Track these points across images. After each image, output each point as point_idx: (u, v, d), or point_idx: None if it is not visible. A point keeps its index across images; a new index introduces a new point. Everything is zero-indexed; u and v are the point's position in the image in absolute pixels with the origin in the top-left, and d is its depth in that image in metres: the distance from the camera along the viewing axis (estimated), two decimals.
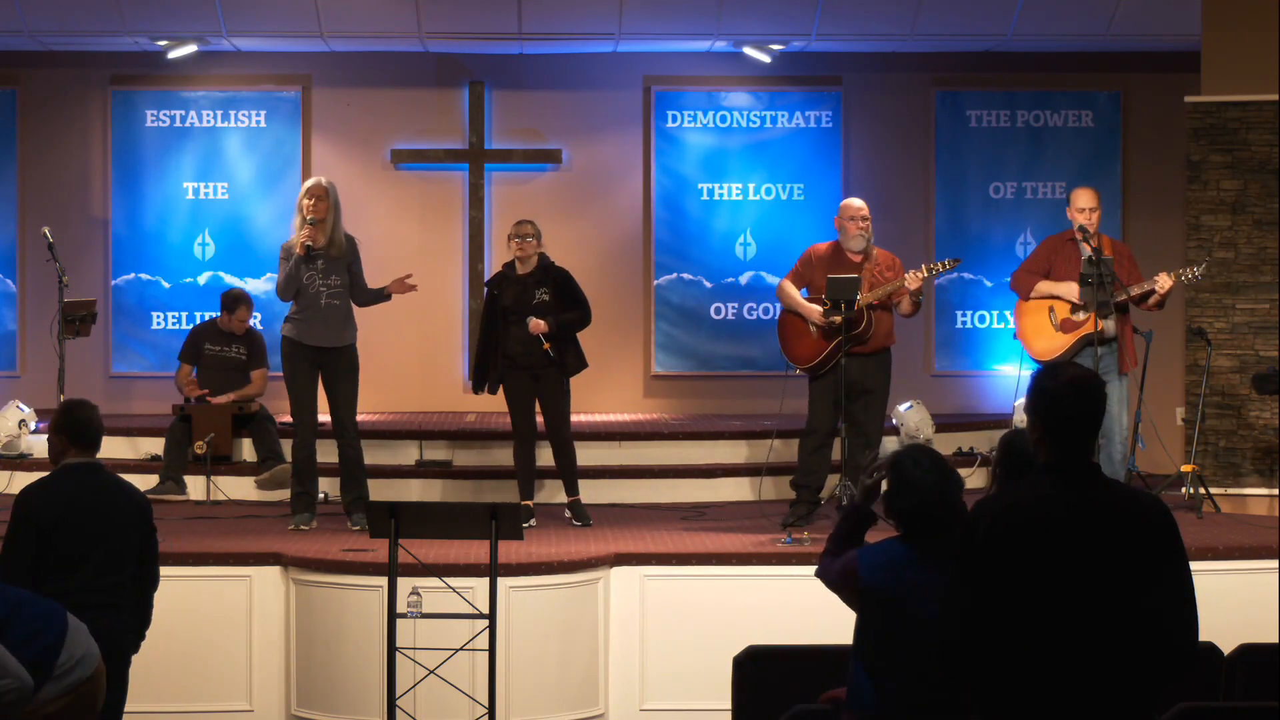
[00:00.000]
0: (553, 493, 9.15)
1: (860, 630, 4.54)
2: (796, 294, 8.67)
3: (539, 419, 8.86)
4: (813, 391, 8.64)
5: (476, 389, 8.95)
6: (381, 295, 8.75)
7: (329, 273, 8.51)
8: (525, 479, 8.84)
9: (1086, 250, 8.62)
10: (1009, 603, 3.76)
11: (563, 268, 8.88)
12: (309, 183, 8.60)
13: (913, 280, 8.43)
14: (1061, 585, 3.75)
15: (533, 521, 8.59)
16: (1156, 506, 3.87)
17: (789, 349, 8.70)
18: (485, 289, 9.00)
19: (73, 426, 5.76)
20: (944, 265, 8.71)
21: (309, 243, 8.43)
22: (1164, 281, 8.50)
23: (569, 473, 8.83)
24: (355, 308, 8.68)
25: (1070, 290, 8.60)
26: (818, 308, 8.54)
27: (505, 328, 8.73)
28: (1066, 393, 3.85)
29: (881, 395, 8.60)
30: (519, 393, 8.76)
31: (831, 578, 4.68)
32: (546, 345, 8.63)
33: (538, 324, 8.63)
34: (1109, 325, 8.52)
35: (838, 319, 8.42)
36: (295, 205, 8.62)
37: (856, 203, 8.79)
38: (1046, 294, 8.70)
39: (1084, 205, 8.69)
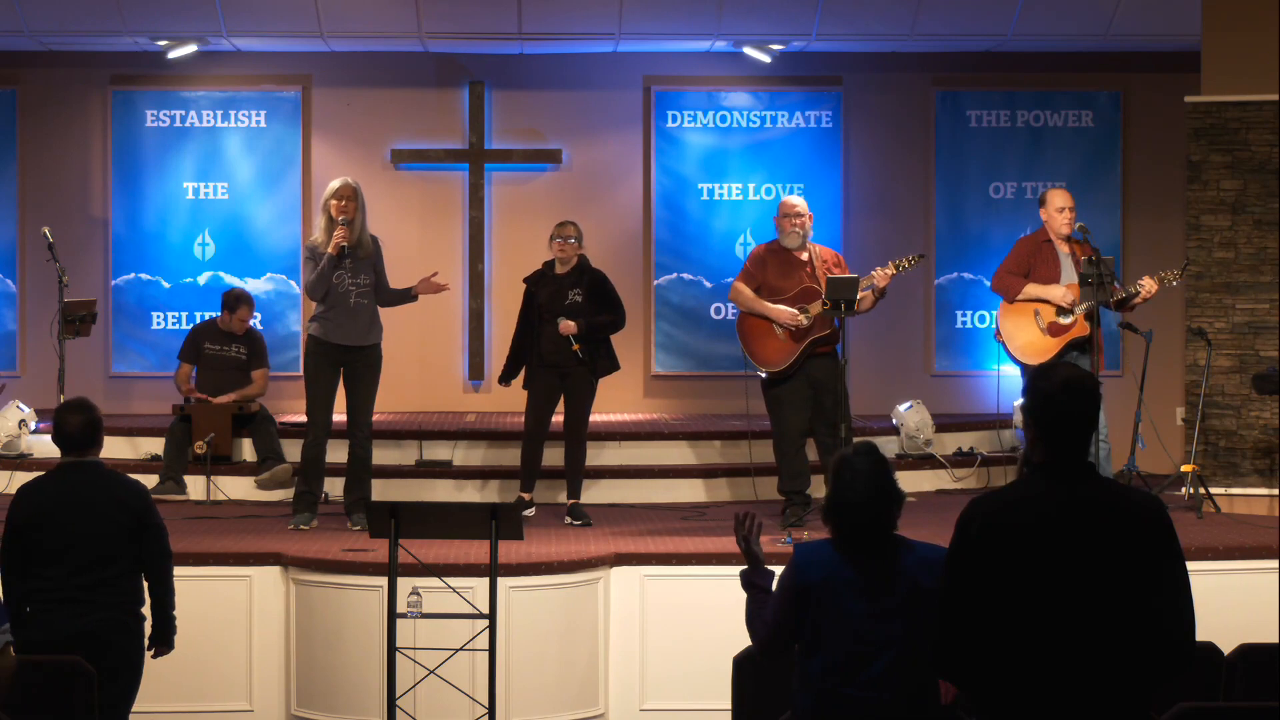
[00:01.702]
0: (554, 492, 9.15)
1: (796, 633, 4.53)
2: (755, 296, 8.64)
3: (555, 419, 8.89)
4: (777, 395, 8.58)
5: (502, 381, 8.99)
6: (408, 296, 8.78)
7: (357, 272, 8.52)
8: (528, 473, 8.91)
9: (1064, 249, 8.64)
10: (1004, 601, 3.76)
11: (600, 270, 8.90)
12: (337, 183, 8.57)
13: (882, 278, 8.43)
14: (1056, 583, 3.76)
15: (531, 511, 8.66)
16: (1151, 504, 3.88)
17: (754, 351, 8.62)
18: (524, 284, 9.02)
19: (54, 429, 5.93)
20: (910, 261, 8.66)
21: (345, 243, 8.43)
22: (1149, 285, 8.51)
23: (575, 475, 8.84)
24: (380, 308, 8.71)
25: (1058, 295, 8.58)
26: (785, 309, 8.51)
27: (540, 326, 8.77)
28: (1060, 393, 3.87)
29: (846, 393, 8.57)
30: (542, 393, 8.81)
31: (767, 616, 4.64)
32: (576, 346, 8.65)
33: (567, 325, 8.67)
34: (1087, 327, 8.51)
35: (802, 320, 8.42)
36: (320, 205, 8.62)
37: (792, 200, 8.81)
38: (1034, 297, 8.68)
39: (1062, 205, 8.69)
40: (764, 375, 8.63)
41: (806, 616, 4.47)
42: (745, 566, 4.89)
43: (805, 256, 8.60)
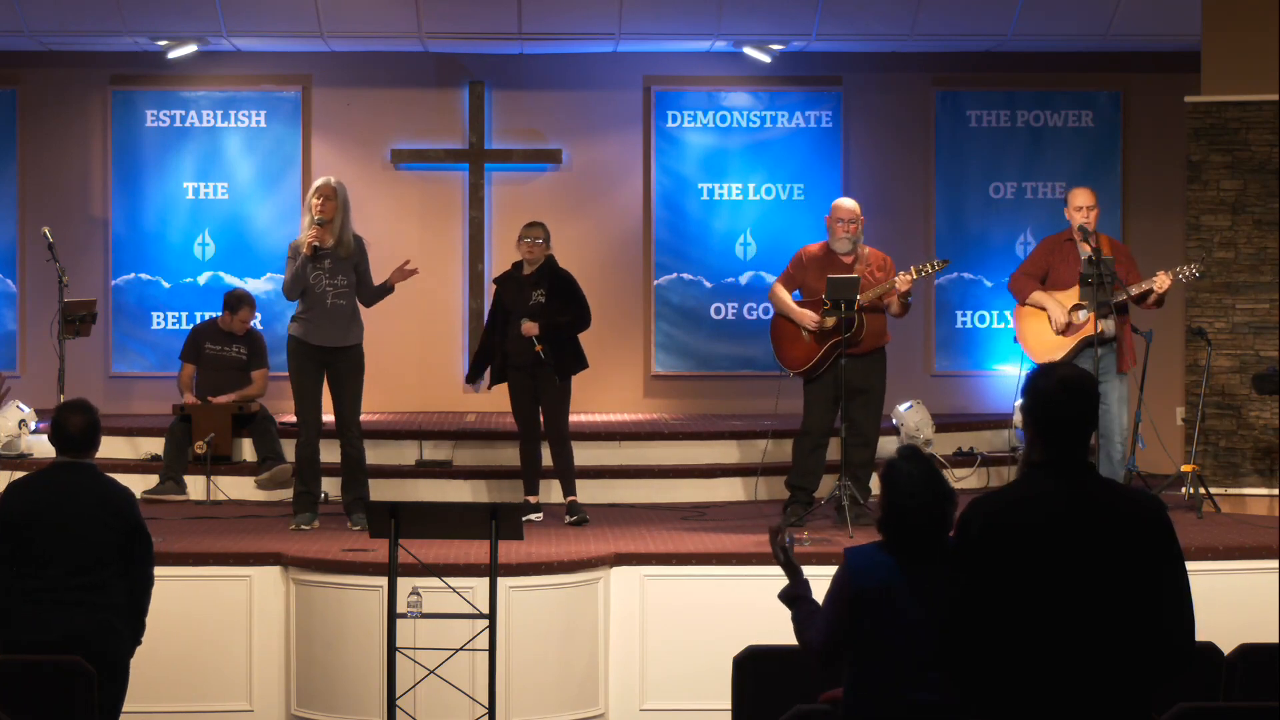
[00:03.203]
0: (553, 493, 9.15)
1: (852, 635, 4.53)
2: (788, 298, 8.69)
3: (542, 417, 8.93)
4: (807, 393, 8.66)
5: (469, 380, 9.17)
6: (385, 289, 8.76)
7: (336, 272, 8.50)
8: (528, 476, 8.97)
9: (1085, 250, 8.61)
10: (1004, 601, 3.76)
11: (567, 271, 8.94)
12: (318, 182, 8.57)
13: (903, 282, 8.44)
14: (1056, 583, 3.75)
15: (539, 515, 8.69)
16: (1151, 504, 3.88)
17: (781, 352, 8.71)
18: (494, 285, 9.10)
19: (51, 429, 5.92)
20: (933, 266, 8.70)
21: (316, 243, 8.42)
22: (1162, 280, 8.50)
23: (566, 473, 8.88)
24: (363, 307, 8.69)
25: (1057, 312, 8.59)
26: (809, 312, 8.55)
27: (505, 327, 8.83)
28: (1057, 392, 3.87)
29: (877, 395, 8.61)
30: (517, 393, 8.87)
31: (820, 623, 4.63)
32: (538, 347, 8.68)
33: (529, 326, 8.72)
34: (1108, 325, 8.53)
35: (829, 322, 8.44)
36: (304, 204, 8.62)
37: (847, 204, 8.79)
38: (1038, 304, 8.70)
39: (1081, 204, 8.69)
40: (790, 375, 8.70)
41: (863, 622, 4.47)
42: (786, 584, 4.86)
43: (851, 260, 8.61)
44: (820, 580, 4.77)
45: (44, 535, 5.72)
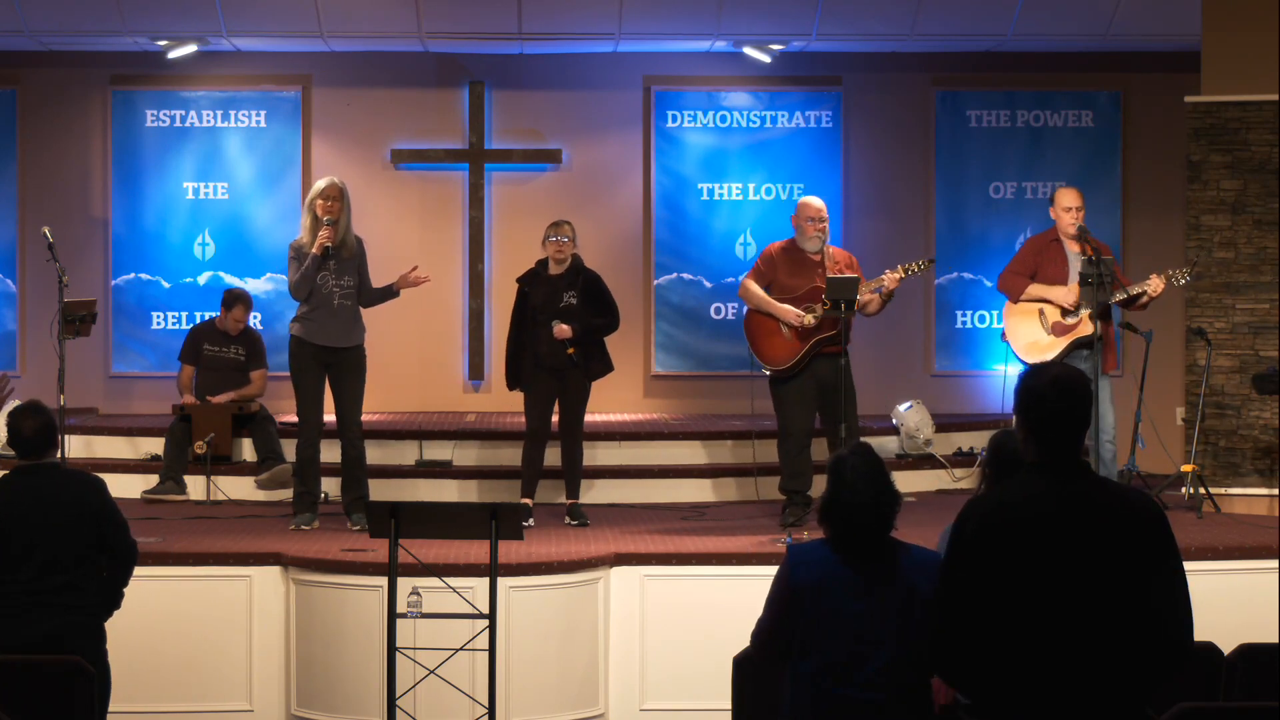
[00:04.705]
0: (553, 493, 9.14)
1: (792, 634, 4.50)
2: (764, 294, 8.63)
3: (553, 420, 8.87)
4: (782, 394, 8.57)
5: (510, 386, 8.93)
6: (389, 293, 8.75)
7: (341, 273, 8.51)
8: (529, 478, 8.86)
9: (1073, 249, 8.62)
10: (1000, 601, 3.77)
11: (594, 271, 8.87)
12: (323, 183, 8.55)
13: (891, 280, 8.43)
14: (1052, 582, 3.76)
15: (530, 521, 8.60)
16: (1145, 502, 3.88)
17: (760, 350, 8.61)
18: (517, 285, 8.96)
19: (10, 434, 5.92)
20: (919, 265, 8.68)
21: (329, 243, 8.42)
22: (1155, 284, 8.51)
23: (573, 475, 8.84)
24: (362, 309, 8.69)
25: (1061, 295, 8.59)
26: (790, 308, 8.51)
27: (534, 328, 8.73)
28: (1049, 391, 3.88)
29: (853, 392, 8.57)
30: (540, 393, 8.77)
31: (763, 618, 4.60)
32: (570, 350, 8.63)
33: (562, 329, 8.63)
34: (1092, 325, 8.52)
35: (810, 320, 8.42)
36: (306, 205, 8.59)
37: (815, 203, 8.74)
38: (1038, 298, 8.69)
39: (1070, 204, 8.68)
40: (768, 373, 8.63)
41: (802, 617, 4.46)
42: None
43: (819, 257, 8.60)
44: None
45: (14, 539, 5.70)
